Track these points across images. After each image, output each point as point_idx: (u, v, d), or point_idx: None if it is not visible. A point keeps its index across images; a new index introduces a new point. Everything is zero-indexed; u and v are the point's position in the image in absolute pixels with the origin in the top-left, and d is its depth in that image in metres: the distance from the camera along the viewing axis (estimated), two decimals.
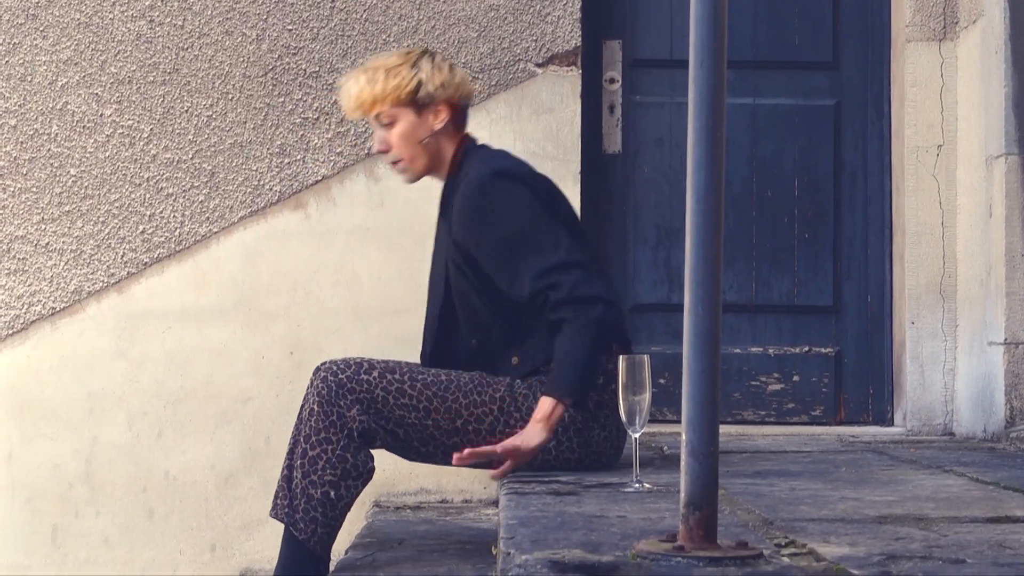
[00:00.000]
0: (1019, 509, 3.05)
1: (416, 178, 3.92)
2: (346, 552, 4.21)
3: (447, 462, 3.72)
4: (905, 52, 5.38)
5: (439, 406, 3.65)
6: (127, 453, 5.20)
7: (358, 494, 3.65)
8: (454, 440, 3.66)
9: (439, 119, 3.82)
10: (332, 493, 3.59)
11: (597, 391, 3.68)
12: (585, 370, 3.61)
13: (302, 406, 3.68)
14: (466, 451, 3.57)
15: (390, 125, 3.83)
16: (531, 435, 3.58)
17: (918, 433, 5.28)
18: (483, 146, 3.94)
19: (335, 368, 3.66)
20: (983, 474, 3.78)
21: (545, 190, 3.80)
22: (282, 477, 3.66)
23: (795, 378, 5.53)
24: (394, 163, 3.89)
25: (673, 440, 4.69)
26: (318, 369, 3.69)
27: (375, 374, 3.64)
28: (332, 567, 3.90)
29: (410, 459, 3.77)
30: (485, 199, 3.72)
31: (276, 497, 3.66)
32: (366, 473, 3.64)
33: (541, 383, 3.66)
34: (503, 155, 3.91)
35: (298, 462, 3.62)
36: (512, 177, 3.77)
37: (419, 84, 3.79)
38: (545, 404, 3.57)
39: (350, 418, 3.60)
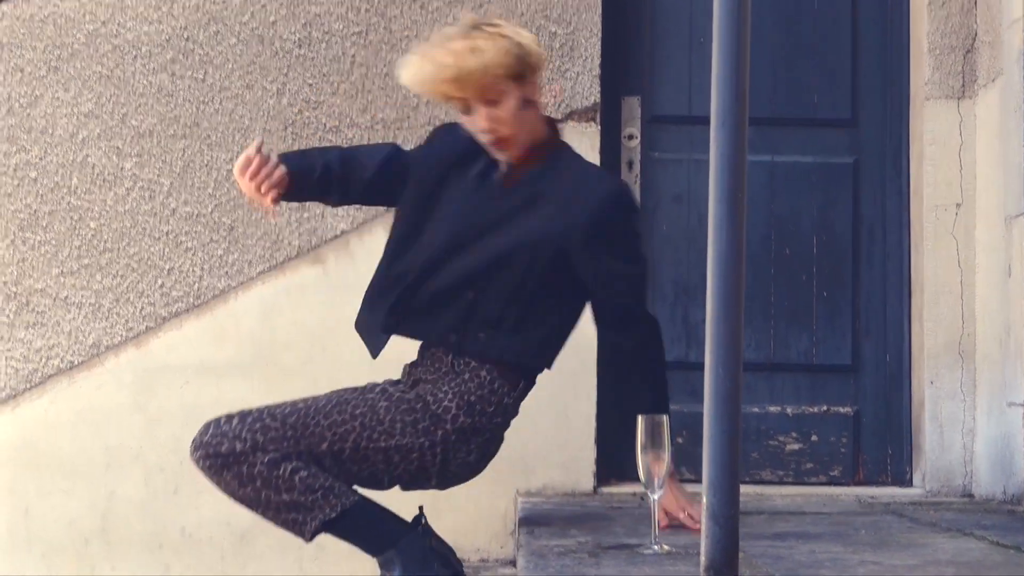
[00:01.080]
0: None
1: (514, 156, 3.85)
2: None
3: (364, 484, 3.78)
4: (924, 110, 5.37)
5: (297, 435, 3.71)
6: (144, 508, 5.18)
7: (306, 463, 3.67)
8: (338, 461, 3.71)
9: (539, 94, 3.81)
10: (301, 471, 3.64)
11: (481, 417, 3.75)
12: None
13: None
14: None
15: (495, 102, 3.73)
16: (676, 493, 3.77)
17: (937, 494, 5.24)
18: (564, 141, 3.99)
19: (194, 445, 3.77)
20: (1003, 537, 3.75)
21: None
22: (279, 523, 3.73)
23: (813, 438, 5.50)
24: (496, 141, 3.80)
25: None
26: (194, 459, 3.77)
27: (225, 426, 3.76)
28: None
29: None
30: (635, 216, 3.88)
31: (295, 530, 3.71)
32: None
33: (416, 387, 3.79)
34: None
35: (264, 499, 3.68)
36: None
37: (529, 53, 3.72)
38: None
39: (235, 446, 3.68)
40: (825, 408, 5.51)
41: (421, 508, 3.78)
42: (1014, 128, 4.90)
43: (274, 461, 3.62)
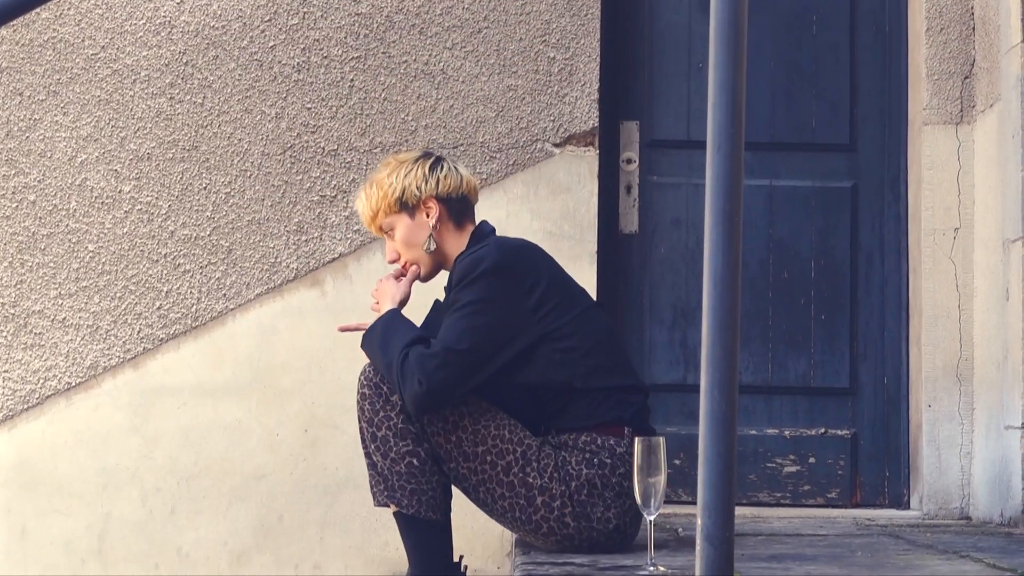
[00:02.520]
0: None
1: (428, 277, 4.00)
2: None
3: (455, 482, 3.78)
4: (922, 135, 5.39)
5: (468, 424, 3.71)
6: (140, 529, 5.18)
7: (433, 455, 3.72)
8: (469, 465, 3.71)
9: (431, 216, 3.90)
10: (415, 460, 3.68)
11: (605, 469, 3.68)
12: (383, 351, 3.76)
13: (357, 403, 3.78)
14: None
15: (391, 233, 3.96)
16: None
17: (934, 517, 5.25)
18: (491, 233, 4.00)
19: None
20: (1000, 560, 3.75)
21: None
22: (368, 466, 3.75)
23: (811, 460, 5.51)
24: (404, 267, 3.99)
25: (688, 521, 4.66)
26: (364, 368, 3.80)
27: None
28: None
29: None
30: (469, 291, 3.81)
31: (372, 488, 3.74)
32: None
33: (563, 455, 3.69)
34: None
35: (372, 447, 3.71)
36: None
37: (403, 188, 3.91)
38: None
39: (395, 401, 3.69)
40: (823, 430, 5.52)
41: (461, 556, 3.83)
42: (1012, 153, 4.92)
43: (406, 431, 3.66)
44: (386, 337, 3.77)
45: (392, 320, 3.82)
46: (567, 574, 3.28)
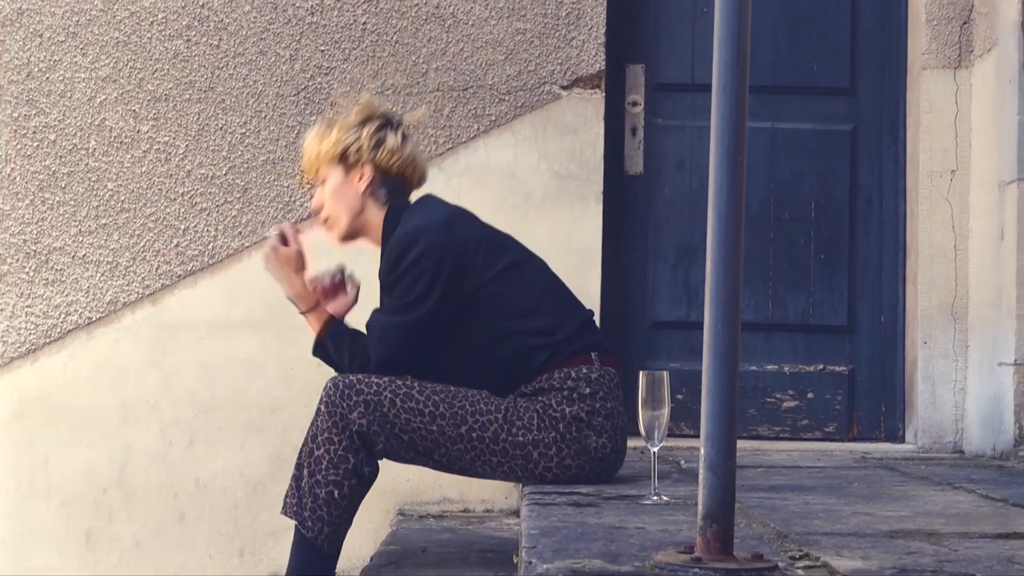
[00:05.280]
0: None
1: (342, 238, 3.96)
2: (371, 559, 4.23)
3: (450, 469, 3.74)
4: (921, 79, 5.39)
5: (445, 411, 3.64)
6: (159, 460, 5.22)
7: (362, 496, 3.65)
8: (458, 447, 3.65)
9: (362, 181, 3.86)
10: (336, 492, 3.59)
11: (587, 400, 3.68)
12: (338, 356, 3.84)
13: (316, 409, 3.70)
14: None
15: (323, 183, 3.92)
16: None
17: (929, 450, 5.28)
18: (417, 204, 3.94)
19: (348, 375, 3.70)
20: (992, 491, 3.78)
21: None
22: (293, 475, 3.66)
23: (809, 395, 5.53)
24: (324, 221, 3.95)
25: (690, 454, 4.70)
26: (332, 376, 3.72)
27: (385, 379, 3.66)
28: (358, 573, 3.91)
29: (413, 464, 3.75)
30: (401, 262, 3.78)
31: (286, 495, 3.66)
32: (368, 476, 3.64)
33: (541, 400, 3.68)
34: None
35: (305, 461, 3.63)
36: None
37: (347, 146, 3.87)
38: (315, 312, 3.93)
39: (351, 420, 3.60)
40: (821, 367, 5.55)
41: None
42: (1008, 97, 4.92)
43: (343, 459, 3.64)
44: (338, 350, 3.83)
45: (334, 336, 3.85)
46: (573, 503, 3.31)
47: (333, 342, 3.83)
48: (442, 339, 3.75)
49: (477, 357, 3.75)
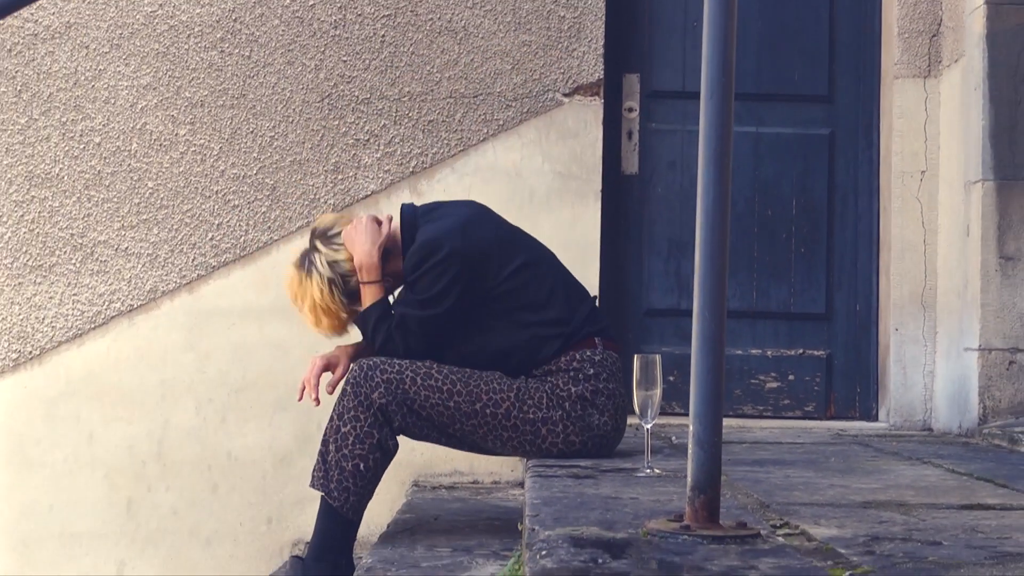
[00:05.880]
0: (990, 497, 3.05)
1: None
2: (388, 526, 4.22)
3: (461, 444, 3.73)
4: (893, 87, 5.38)
5: (462, 389, 3.64)
6: (194, 435, 5.22)
7: (384, 468, 3.64)
8: (472, 422, 3.64)
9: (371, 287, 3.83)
10: (361, 465, 3.59)
11: (591, 381, 3.68)
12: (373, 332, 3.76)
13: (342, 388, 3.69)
14: None
15: (359, 286, 3.83)
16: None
17: (900, 428, 5.27)
18: (432, 208, 3.91)
19: (371, 358, 3.69)
20: (958, 466, 3.77)
21: None
22: (319, 451, 3.65)
23: (790, 377, 5.53)
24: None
25: (681, 431, 4.69)
26: (358, 360, 3.71)
27: (406, 361, 3.66)
28: (376, 539, 3.91)
29: (426, 440, 3.73)
30: (424, 264, 3.74)
31: (314, 469, 3.65)
32: (390, 450, 3.63)
33: (550, 381, 3.68)
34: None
35: (331, 437, 3.62)
36: None
37: (331, 280, 3.82)
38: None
39: (374, 399, 3.59)
40: (801, 351, 5.54)
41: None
42: (974, 104, 4.90)
43: (368, 435, 3.62)
44: (376, 327, 3.76)
45: (382, 311, 3.77)
46: (573, 475, 3.30)
47: (377, 315, 3.78)
48: (459, 332, 3.74)
49: (493, 347, 3.75)
